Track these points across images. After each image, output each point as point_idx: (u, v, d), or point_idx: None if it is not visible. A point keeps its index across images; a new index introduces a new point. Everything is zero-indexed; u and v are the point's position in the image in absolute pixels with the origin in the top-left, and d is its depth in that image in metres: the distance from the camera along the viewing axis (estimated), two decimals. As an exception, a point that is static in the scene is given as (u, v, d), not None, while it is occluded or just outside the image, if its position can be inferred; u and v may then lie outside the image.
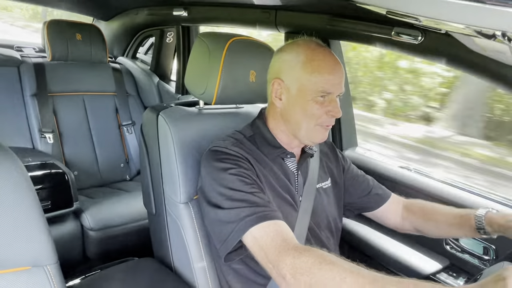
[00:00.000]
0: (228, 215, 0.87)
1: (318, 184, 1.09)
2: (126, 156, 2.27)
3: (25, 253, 0.73)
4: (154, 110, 1.17)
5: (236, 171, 0.91)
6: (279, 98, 0.98)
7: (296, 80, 0.95)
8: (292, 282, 0.74)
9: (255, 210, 0.85)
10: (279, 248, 0.79)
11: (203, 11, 1.93)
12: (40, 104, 2.01)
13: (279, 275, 0.76)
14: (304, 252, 0.75)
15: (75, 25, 2.16)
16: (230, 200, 0.88)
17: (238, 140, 1.01)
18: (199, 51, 1.16)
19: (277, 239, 0.80)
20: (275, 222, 0.84)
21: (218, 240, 0.91)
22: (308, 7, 1.43)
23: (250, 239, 0.84)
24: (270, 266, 0.79)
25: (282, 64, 0.98)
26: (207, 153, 0.98)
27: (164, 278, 1.12)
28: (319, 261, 0.73)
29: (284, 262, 0.75)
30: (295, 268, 0.74)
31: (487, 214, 0.99)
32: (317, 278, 0.71)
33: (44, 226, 0.75)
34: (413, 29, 1.13)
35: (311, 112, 0.94)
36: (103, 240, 1.74)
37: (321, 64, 0.93)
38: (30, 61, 2.08)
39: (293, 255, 0.75)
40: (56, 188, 1.67)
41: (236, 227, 0.85)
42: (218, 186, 0.90)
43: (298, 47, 0.97)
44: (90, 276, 1.41)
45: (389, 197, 1.15)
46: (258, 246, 0.82)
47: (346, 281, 0.69)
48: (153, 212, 1.22)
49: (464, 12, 0.58)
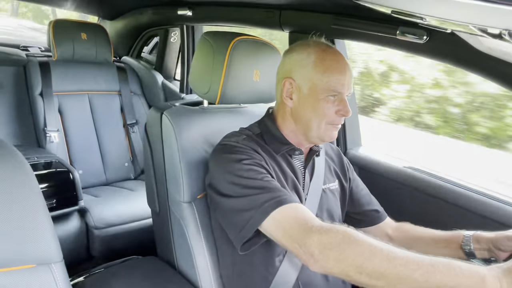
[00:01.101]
0: (246, 202, 0.87)
1: (325, 185, 1.09)
2: (131, 155, 2.28)
3: (30, 251, 0.74)
4: (158, 109, 1.17)
5: (250, 161, 0.92)
6: (290, 98, 0.99)
7: (308, 79, 0.96)
8: (321, 258, 0.73)
9: (274, 195, 0.85)
10: (304, 227, 0.78)
11: (207, 11, 1.93)
12: (45, 103, 2.02)
13: (307, 252, 0.76)
14: (331, 229, 0.76)
15: (80, 25, 2.17)
16: (246, 188, 0.88)
17: (247, 135, 1.01)
18: (203, 50, 1.16)
19: (300, 220, 0.80)
20: (295, 205, 0.85)
21: (234, 230, 0.90)
22: (313, 6, 1.42)
23: (271, 224, 0.83)
24: (296, 246, 0.78)
25: (293, 64, 0.98)
26: (217, 148, 0.99)
27: (167, 276, 1.12)
28: (347, 237, 0.73)
29: (311, 239, 0.75)
30: (323, 244, 0.74)
31: (476, 233, 0.98)
32: (346, 253, 0.71)
33: (49, 225, 0.76)
34: (418, 28, 1.12)
35: (322, 111, 0.96)
36: (107, 239, 1.75)
37: (332, 64, 0.95)
38: (35, 60, 2.09)
39: (320, 232, 0.76)
40: (61, 187, 1.68)
41: (256, 213, 0.84)
42: (233, 177, 0.90)
43: (309, 47, 0.98)
44: (94, 274, 1.42)
45: (386, 218, 1.16)
46: (281, 229, 0.82)
47: (376, 256, 0.70)
48: (156, 211, 1.22)
49: (469, 11, 0.57)
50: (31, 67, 2.06)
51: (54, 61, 2.11)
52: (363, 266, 0.70)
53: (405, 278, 0.68)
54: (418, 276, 0.68)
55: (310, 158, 1.06)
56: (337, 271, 0.73)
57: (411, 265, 0.68)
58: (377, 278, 0.70)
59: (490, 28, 0.63)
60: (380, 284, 0.70)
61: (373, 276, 0.70)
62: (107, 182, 2.18)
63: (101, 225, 1.74)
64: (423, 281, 0.67)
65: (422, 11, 0.72)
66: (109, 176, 2.18)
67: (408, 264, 0.69)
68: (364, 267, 0.70)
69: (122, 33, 2.64)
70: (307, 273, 1.00)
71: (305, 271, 1.00)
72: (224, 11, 1.82)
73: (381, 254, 0.70)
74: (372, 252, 0.70)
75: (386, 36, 1.22)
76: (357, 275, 0.71)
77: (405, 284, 0.68)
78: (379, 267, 0.69)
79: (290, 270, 0.98)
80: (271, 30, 1.76)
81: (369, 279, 0.70)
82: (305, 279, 1.00)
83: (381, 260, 0.70)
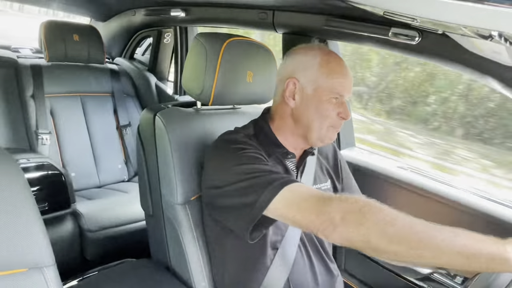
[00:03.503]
0: (254, 183, 0.85)
1: (316, 185, 1.09)
2: (124, 157, 2.27)
3: (22, 255, 0.73)
4: (151, 111, 1.16)
5: (252, 151, 0.92)
6: (292, 98, 0.99)
7: (313, 81, 0.96)
8: (341, 223, 0.72)
9: (281, 176, 0.86)
10: (322, 197, 0.78)
11: (201, 12, 1.93)
12: (37, 105, 2.00)
13: (326, 220, 0.74)
14: (349, 197, 0.76)
15: (72, 26, 2.15)
16: (252, 172, 0.86)
17: (244, 134, 1.01)
18: (196, 51, 1.16)
19: (315, 193, 0.80)
20: (303, 184, 0.86)
21: (241, 215, 0.87)
22: (306, 7, 1.43)
23: (281, 202, 0.81)
24: (312, 217, 0.76)
25: (297, 65, 0.99)
26: (217, 144, 0.98)
27: (162, 279, 1.12)
28: (368, 203, 0.73)
29: (331, 206, 0.75)
30: (344, 209, 0.73)
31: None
32: (367, 217, 0.71)
33: (41, 228, 0.75)
34: (410, 29, 1.13)
35: (325, 113, 0.97)
36: (101, 242, 1.74)
37: (337, 68, 0.97)
38: (27, 62, 2.07)
39: (340, 199, 0.76)
40: (53, 190, 1.67)
41: (265, 192, 0.82)
42: (236, 166, 0.89)
43: (313, 49, 1.00)
44: (88, 277, 1.41)
45: None
46: (294, 204, 0.80)
47: (397, 221, 0.70)
48: (150, 213, 1.22)
49: (460, 12, 0.58)
50: (22, 69, 2.03)
51: (46, 62, 2.10)
52: (385, 229, 0.69)
53: (426, 243, 0.68)
54: (440, 241, 0.67)
55: (303, 160, 1.07)
56: (357, 236, 0.72)
57: (432, 231, 0.69)
58: (399, 242, 0.69)
59: (481, 29, 0.63)
60: (401, 249, 0.69)
61: (394, 241, 0.69)
62: (100, 185, 2.16)
63: (94, 228, 1.73)
64: (444, 246, 0.67)
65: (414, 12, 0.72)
66: (102, 179, 2.17)
67: (429, 230, 0.69)
68: (385, 231, 0.69)
69: (115, 34, 2.62)
70: (298, 274, 1.01)
71: (295, 272, 1.00)
72: (217, 12, 1.81)
73: (402, 219, 0.70)
74: (393, 217, 0.71)
75: (379, 37, 1.23)
76: (378, 239, 0.70)
77: (427, 249, 0.68)
78: (400, 231, 0.69)
79: (281, 270, 0.98)
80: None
81: (389, 244, 0.69)
82: (295, 279, 1.00)
83: (403, 225, 0.70)
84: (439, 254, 0.68)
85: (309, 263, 1.04)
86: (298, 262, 1.01)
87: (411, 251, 0.68)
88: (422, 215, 1.35)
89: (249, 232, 0.86)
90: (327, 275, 1.07)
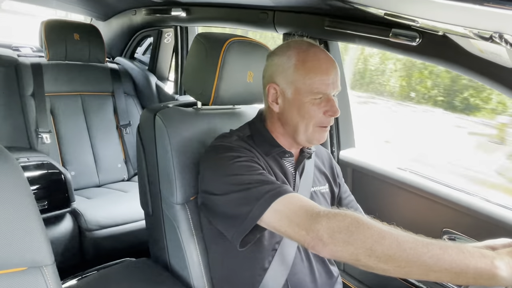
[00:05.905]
0: (245, 195, 0.85)
1: (315, 187, 1.09)
2: (124, 156, 2.27)
3: (21, 254, 0.73)
4: (151, 110, 1.16)
5: (244, 158, 0.91)
6: (276, 102, 0.98)
7: (291, 83, 0.95)
8: (330, 242, 0.72)
9: (272, 187, 0.84)
10: (311, 213, 0.77)
11: (201, 12, 1.93)
12: (37, 104, 2.00)
13: (315, 237, 0.74)
14: (338, 213, 0.75)
15: (73, 25, 2.16)
16: (243, 183, 0.86)
17: (238, 137, 1.01)
18: (197, 51, 1.15)
19: (306, 207, 0.79)
20: (295, 194, 0.84)
21: (233, 226, 0.87)
22: (306, 8, 1.43)
23: (272, 215, 0.82)
24: (303, 233, 0.76)
25: (275, 69, 0.98)
26: (209, 150, 0.98)
27: (161, 278, 1.12)
28: (356, 220, 0.72)
29: (320, 224, 0.74)
30: (332, 228, 0.73)
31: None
32: (355, 236, 0.70)
33: (40, 227, 0.75)
34: (410, 30, 1.13)
35: (308, 114, 0.95)
36: (100, 241, 1.74)
37: (314, 65, 0.93)
38: (27, 61, 2.07)
39: (328, 216, 0.75)
40: (52, 188, 1.67)
41: (256, 205, 0.83)
42: (228, 175, 0.89)
43: (289, 49, 0.96)
44: (87, 276, 1.41)
45: None
46: (285, 219, 0.80)
47: (385, 239, 0.69)
48: (149, 212, 1.22)
49: (461, 14, 0.58)
50: (23, 68, 2.03)
51: (46, 61, 2.09)
52: (373, 248, 0.69)
53: (414, 261, 0.68)
54: (428, 259, 0.67)
55: (301, 160, 1.06)
56: (346, 255, 0.72)
57: (420, 248, 0.68)
58: (386, 261, 0.69)
59: (481, 30, 0.64)
60: (390, 267, 0.69)
61: (382, 259, 0.69)
62: (100, 184, 2.16)
63: (94, 227, 1.73)
64: (433, 264, 0.67)
65: (414, 14, 0.72)
66: (102, 178, 2.17)
67: (417, 248, 0.68)
68: (373, 250, 0.69)
69: (116, 33, 2.62)
70: (296, 275, 1.00)
71: (294, 272, 1.00)
72: (218, 12, 1.82)
73: (390, 237, 0.70)
74: (381, 235, 0.70)
75: (379, 38, 1.23)
76: (366, 258, 0.70)
77: (415, 267, 0.68)
78: (388, 249, 0.69)
79: (279, 271, 0.98)
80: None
81: (378, 262, 0.69)
82: (294, 280, 1.00)
83: (390, 243, 0.69)
84: (427, 271, 0.68)
85: (308, 265, 1.04)
86: (297, 263, 1.01)
87: (399, 269, 0.69)
88: (421, 216, 1.36)
89: (239, 242, 0.87)
90: (326, 276, 1.07)
